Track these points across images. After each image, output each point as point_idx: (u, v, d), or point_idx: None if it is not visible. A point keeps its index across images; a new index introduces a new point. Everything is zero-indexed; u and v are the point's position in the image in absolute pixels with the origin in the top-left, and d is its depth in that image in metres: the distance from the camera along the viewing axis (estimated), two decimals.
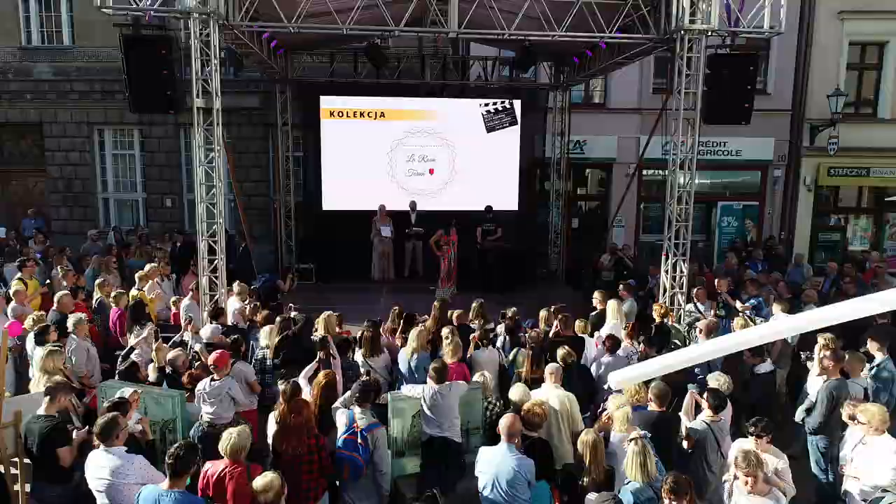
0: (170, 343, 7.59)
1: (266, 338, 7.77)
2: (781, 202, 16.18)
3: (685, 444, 5.93)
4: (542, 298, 12.72)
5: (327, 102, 13.82)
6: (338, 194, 14.09)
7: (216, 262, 8.70)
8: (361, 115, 13.93)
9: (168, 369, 6.61)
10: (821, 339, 8.02)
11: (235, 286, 8.97)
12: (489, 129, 14.24)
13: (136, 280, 10.12)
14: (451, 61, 14.42)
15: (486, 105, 14.18)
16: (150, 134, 16.24)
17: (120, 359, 6.75)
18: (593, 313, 9.20)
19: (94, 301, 9.98)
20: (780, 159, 16.02)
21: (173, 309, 9.99)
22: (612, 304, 8.69)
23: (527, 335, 7.88)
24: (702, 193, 16.34)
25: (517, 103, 14.26)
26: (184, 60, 8.71)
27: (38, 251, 12.90)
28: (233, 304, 8.94)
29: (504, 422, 5.08)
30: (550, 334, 7.99)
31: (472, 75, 14.41)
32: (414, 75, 14.28)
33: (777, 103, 15.45)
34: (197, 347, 7.02)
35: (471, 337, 7.67)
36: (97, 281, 10.18)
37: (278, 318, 7.64)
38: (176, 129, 16.16)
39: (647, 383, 6.85)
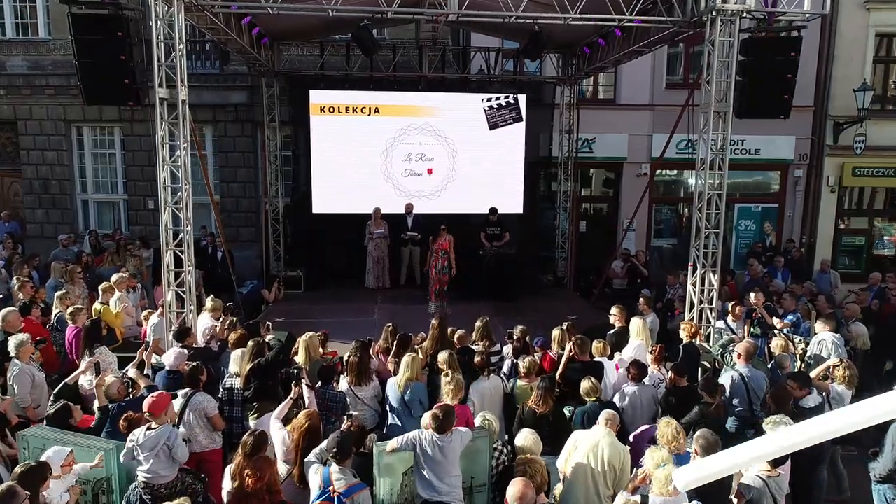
0: (123, 372, 6.44)
1: (236, 364, 6.61)
2: (803, 204, 15.00)
3: (735, 502, 4.80)
4: (549, 309, 11.60)
5: (317, 97, 12.64)
6: (329, 196, 12.91)
7: (183, 274, 7.53)
8: (354, 110, 12.75)
9: (112, 407, 5.47)
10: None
11: (208, 301, 7.81)
12: (492, 126, 13.07)
13: (100, 292, 8.96)
14: (451, 53, 13.25)
15: (489, 100, 13.00)
16: (132, 131, 15.07)
17: (51, 397, 5.57)
18: (611, 332, 8.04)
19: (53, 316, 8.86)
20: (802, 158, 14.84)
21: (143, 324, 8.87)
22: (636, 323, 7.54)
23: (520, 362, 6.72)
24: None
25: (522, 98, 13.07)
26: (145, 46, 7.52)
27: (3, 258, 11.74)
28: (204, 322, 7.78)
29: (513, 491, 3.94)
30: (564, 358, 6.83)
31: (474, 68, 13.24)
32: (411, 68, 13.12)
33: (798, 99, 13.86)
34: (131, 373, 5.83)
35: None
36: (57, 293, 9.03)
37: (250, 343, 6.47)
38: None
39: (688, 429, 5.74)
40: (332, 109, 12.68)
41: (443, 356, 6.51)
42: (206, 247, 13.17)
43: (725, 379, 6.70)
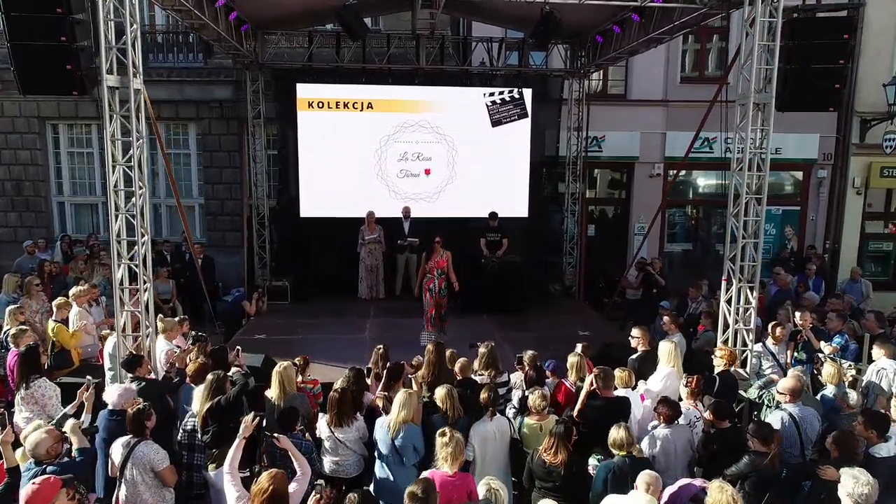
0: (59, 417, 5.32)
1: (199, 401, 5.49)
2: (826, 207, 13.87)
3: None
4: (558, 322, 10.47)
5: (305, 91, 11.52)
6: (318, 199, 11.79)
7: (139, 293, 6.39)
8: (345, 105, 11.62)
9: (34, 470, 4.34)
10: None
11: (159, 322, 6.68)
12: (495, 123, 11.94)
13: (54, 308, 7.84)
14: (450, 43, 12.09)
15: (492, 95, 11.88)
16: None
17: None
18: (634, 357, 6.92)
19: (2, 334, 7.75)
20: (826, 158, 13.71)
21: (100, 344, 7.76)
22: (667, 348, 6.42)
23: (529, 396, 5.63)
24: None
25: (527, 93, 11.95)
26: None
27: None
28: (162, 346, 6.66)
29: None
30: (583, 393, 5.72)
31: (475, 60, 12.09)
32: (406, 60, 11.98)
33: None
34: (68, 427, 4.72)
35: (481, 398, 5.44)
36: (9, 308, 7.92)
37: (209, 377, 5.36)
38: None
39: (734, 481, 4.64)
40: (320, 104, 11.55)
41: (441, 393, 5.41)
42: (184, 253, 12.12)
43: (773, 420, 5.57)
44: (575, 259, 12.71)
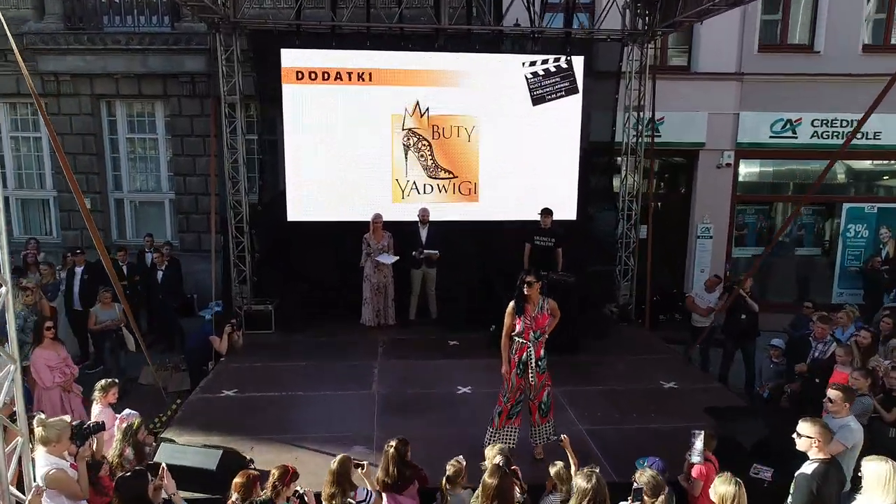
0: None
1: None
2: None
3: None
4: (627, 365, 7.59)
5: (292, 58, 8.61)
6: (309, 198, 8.95)
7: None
8: (344, 77, 8.73)
9: None
10: None
11: (37, 429, 3.91)
12: (536, 101, 9.07)
13: None
14: None
15: (533, 65, 8.99)
16: (60, 109, 11.12)
17: None
18: (809, 472, 4.11)
19: None
20: None
21: None
22: (880, 472, 3.61)
23: None
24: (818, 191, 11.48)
25: (578, 61, 9.07)
26: None
27: None
28: (43, 461, 3.91)
29: None
30: None
31: (510, 20, 9.20)
32: (425, 20, 9.09)
33: None
34: None
35: None
36: None
37: None
38: (95, 102, 11.11)
39: None
40: (312, 76, 8.66)
41: None
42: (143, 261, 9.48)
43: None
44: (631, 271, 9.91)
